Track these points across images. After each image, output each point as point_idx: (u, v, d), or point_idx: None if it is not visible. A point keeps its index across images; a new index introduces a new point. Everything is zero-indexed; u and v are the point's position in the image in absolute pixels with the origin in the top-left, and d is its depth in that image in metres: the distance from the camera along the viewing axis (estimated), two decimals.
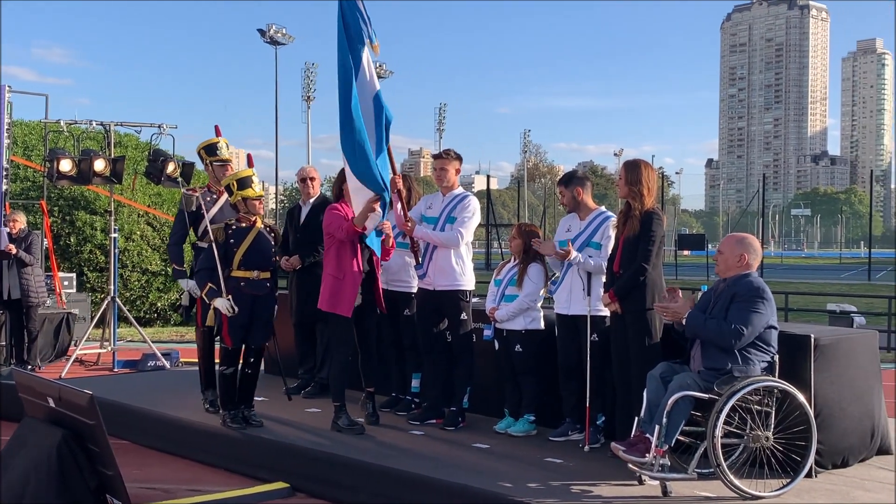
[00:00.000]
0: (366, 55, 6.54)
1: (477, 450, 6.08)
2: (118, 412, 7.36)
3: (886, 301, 15.50)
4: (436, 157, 7.03)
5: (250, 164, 7.00)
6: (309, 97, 69.17)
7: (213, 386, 7.24)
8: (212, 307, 6.63)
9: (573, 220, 6.44)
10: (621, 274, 5.81)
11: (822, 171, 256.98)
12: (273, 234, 6.90)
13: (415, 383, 7.30)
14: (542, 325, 6.61)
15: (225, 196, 7.28)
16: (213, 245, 6.64)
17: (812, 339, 5.45)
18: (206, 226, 7.10)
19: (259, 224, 6.80)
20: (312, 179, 8.08)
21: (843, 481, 5.38)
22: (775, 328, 5.31)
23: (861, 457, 5.79)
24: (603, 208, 6.44)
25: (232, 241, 6.68)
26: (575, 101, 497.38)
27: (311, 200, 8.02)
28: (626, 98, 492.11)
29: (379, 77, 6.99)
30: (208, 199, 7.33)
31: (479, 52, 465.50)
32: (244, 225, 6.75)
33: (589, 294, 6.15)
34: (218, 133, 7.39)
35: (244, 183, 6.70)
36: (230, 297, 6.55)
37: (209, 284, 6.61)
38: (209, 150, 7.38)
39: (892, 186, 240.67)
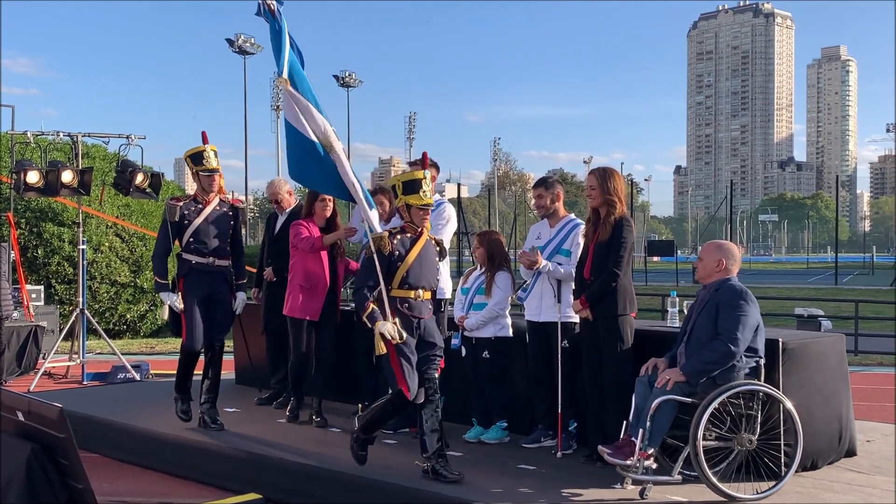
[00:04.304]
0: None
1: (450, 458, 6.07)
2: (89, 425, 7.29)
3: (853, 305, 15.69)
4: (411, 165, 7.01)
5: (424, 164, 5.99)
6: (278, 107, 68.97)
7: (187, 393, 7.08)
8: (376, 335, 5.39)
9: (543, 228, 6.47)
10: (592, 280, 5.84)
11: (788, 177, 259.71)
12: (439, 249, 5.85)
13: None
14: (510, 332, 6.63)
15: (212, 206, 6.92)
16: (376, 258, 5.51)
17: (780, 343, 5.50)
18: (190, 235, 6.83)
19: (426, 236, 5.72)
20: (290, 193, 8.16)
21: (811, 483, 5.44)
22: (760, 331, 5.30)
23: (829, 459, 5.85)
24: (572, 216, 6.48)
25: (396, 254, 5.63)
26: (544, 109, 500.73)
27: (288, 210, 8.05)
28: (595, 106, 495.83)
29: (349, 86, 6.98)
30: (193, 208, 7.06)
31: (449, 61, 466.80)
32: (409, 235, 5.67)
33: (559, 301, 6.18)
34: (205, 140, 6.97)
35: (411, 187, 5.58)
36: (396, 320, 5.46)
37: (371, 306, 5.45)
38: (195, 158, 6.93)
39: (858, 192, 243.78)
